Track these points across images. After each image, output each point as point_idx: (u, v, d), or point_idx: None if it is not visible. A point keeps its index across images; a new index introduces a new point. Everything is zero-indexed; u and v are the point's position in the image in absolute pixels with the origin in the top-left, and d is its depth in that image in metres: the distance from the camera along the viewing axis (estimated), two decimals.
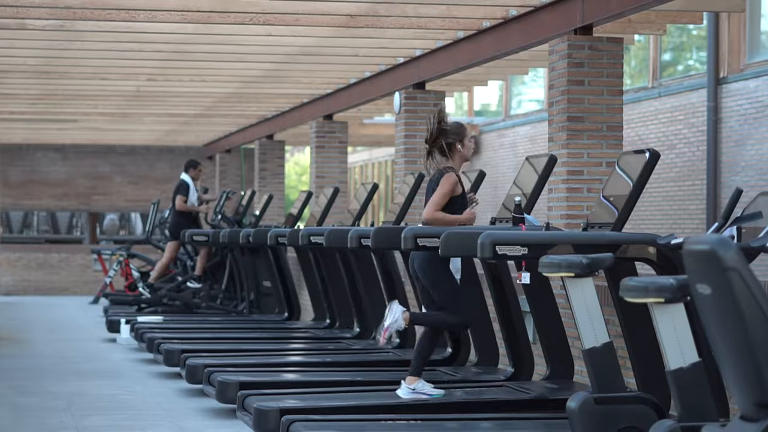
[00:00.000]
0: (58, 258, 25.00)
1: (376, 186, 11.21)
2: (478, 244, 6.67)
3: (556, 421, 6.94)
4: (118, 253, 19.25)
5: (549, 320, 8.07)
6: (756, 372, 3.75)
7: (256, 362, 9.69)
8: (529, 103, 23.69)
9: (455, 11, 10.34)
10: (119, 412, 8.74)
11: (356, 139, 25.74)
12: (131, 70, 14.18)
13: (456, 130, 8.06)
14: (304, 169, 48.80)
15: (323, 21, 10.63)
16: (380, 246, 8.31)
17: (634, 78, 18.95)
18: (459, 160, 8.06)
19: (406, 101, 12.77)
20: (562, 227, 8.89)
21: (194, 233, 14.76)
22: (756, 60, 15.75)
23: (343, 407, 7.43)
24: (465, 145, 8.05)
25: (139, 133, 23.13)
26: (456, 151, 8.03)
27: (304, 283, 13.69)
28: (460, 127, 8.11)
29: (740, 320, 3.72)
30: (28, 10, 10.25)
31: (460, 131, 8.06)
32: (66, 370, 11.37)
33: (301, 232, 10.15)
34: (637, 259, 6.80)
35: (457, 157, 8.04)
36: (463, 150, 8.05)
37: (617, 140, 9.19)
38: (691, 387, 5.32)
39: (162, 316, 14.82)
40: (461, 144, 8.04)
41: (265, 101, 17.47)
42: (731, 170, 15.86)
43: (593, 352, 6.12)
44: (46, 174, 25.68)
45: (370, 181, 28.86)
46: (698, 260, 3.82)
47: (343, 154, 16.75)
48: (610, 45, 9.19)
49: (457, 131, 8.06)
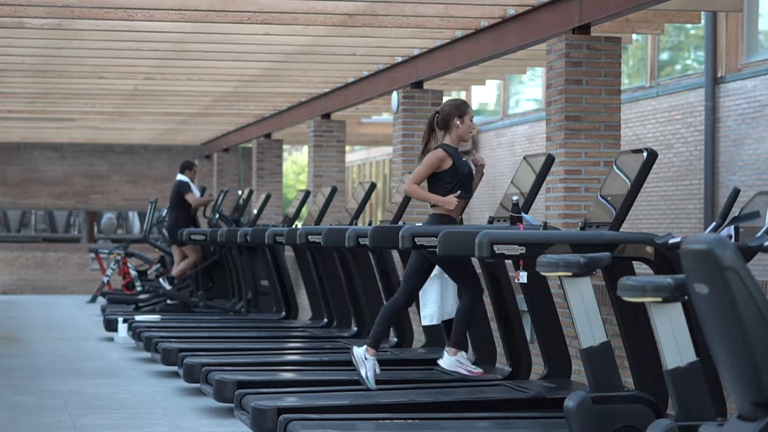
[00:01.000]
0: (56, 257, 25.00)
1: (374, 185, 11.21)
2: (476, 243, 6.67)
3: (554, 421, 6.94)
4: (116, 252, 19.27)
5: (546, 319, 8.07)
6: (753, 371, 3.75)
7: (254, 361, 9.69)
8: (526, 102, 23.69)
9: (453, 10, 10.33)
10: (117, 411, 8.74)
11: (354, 138, 25.74)
12: (129, 68, 14.17)
13: (456, 104, 8.10)
14: (302, 168, 48.80)
15: (321, 20, 10.63)
16: (378, 245, 8.31)
17: (632, 77, 18.95)
18: (456, 135, 8.06)
19: (403, 100, 12.77)
20: (560, 226, 8.89)
21: (192, 232, 14.76)
22: (754, 59, 15.75)
23: (341, 406, 7.44)
24: (464, 122, 8.04)
25: (136, 132, 23.12)
26: (453, 126, 8.05)
27: (301, 282, 13.69)
28: (462, 103, 8.14)
29: (738, 320, 3.73)
30: (26, 8, 10.24)
31: (459, 106, 8.09)
32: (63, 368, 11.37)
33: (299, 231, 10.15)
34: (635, 259, 6.81)
35: (453, 132, 8.06)
36: (461, 126, 8.04)
37: (615, 140, 9.19)
38: (689, 386, 5.32)
39: (159, 315, 14.82)
40: (460, 120, 8.03)
41: (262, 100, 17.46)
42: (729, 170, 15.86)
43: (591, 352, 6.12)
44: (44, 173, 25.68)
45: (368, 180, 28.86)
46: (696, 260, 3.82)
47: (341, 153, 16.75)
48: (608, 44, 9.19)
49: (457, 106, 8.09)
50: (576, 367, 8.10)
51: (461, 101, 8.17)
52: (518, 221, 7.46)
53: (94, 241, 26.52)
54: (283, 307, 14.18)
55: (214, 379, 8.61)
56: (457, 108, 8.08)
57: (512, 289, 8.42)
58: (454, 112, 8.06)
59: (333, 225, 10.76)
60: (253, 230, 12.72)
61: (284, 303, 14.19)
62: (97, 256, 21.18)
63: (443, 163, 7.99)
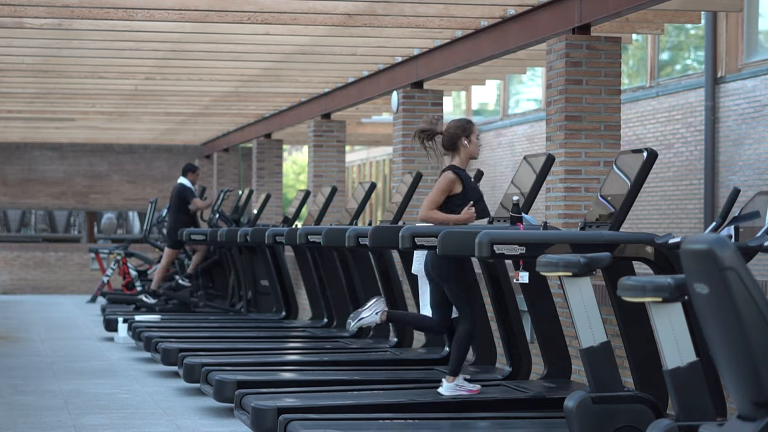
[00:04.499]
0: (56, 257, 25.00)
1: (374, 185, 11.21)
2: (476, 243, 6.67)
3: (554, 421, 6.95)
4: (116, 252, 19.26)
5: (547, 319, 8.07)
6: (753, 371, 3.75)
7: (254, 361, 9.69)
8: (527, 102, 23.69)
9: (453, 10, 10.33)
10: (117, 411, 8.74)
11: (354, 138, 25.74)
12: (129, 68, 14.18)
13: (461, 124, 7.95)
14: (302, 168, 48.80)
15: (321, 20, 10.63)
16: (378, 245, 8.31)
17: (632, 77, 18.95)
18: (464, 156, 7.95)
19: (403, 100, 12.77)
20: (560, 226, 8.89)
21: (192, 232, 14.77)
22: (754, 59, 15.75)
23: (341, 406, 7.44)
24: (472, 141, 7.92)
25: (136, 131, 23.12)
26: (461, 147, 7.94)
27: (301, 282, 13.69)
28: (467, 122, 7.98)
29: (738, 319, 3.73)
30: (26, 8, 10.24)
31: (465, 126, 7.93)
32: (63, 368, 11.37)
33: (299, 231, 10.15)
34: (635, 259, 6.81)
35: (462, 153, 7.95)
36: (469, 146, 7.93)
37: (615, 140, 9.19)
38: (689, 386, 5.32)
39: (159, 314, 14.82)
40: (467, 139, 7.93)
41: (263, 100, 17.46)
42: (729, 170, 15.87)
43: (591, 352, 6.12)
44: (44, 173, 25.67)
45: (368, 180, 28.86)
46: (696, 260, 3.82)
47: (341, 153, 16.75)
48: (608, 44, 9.19)
49: (463, 126, 7.94)
50: (576, 367, 8.11)
51: (466, 120, 8.00)
52: (518, 221, 7.45)
53: (94, 241, 26.52)
54: (283, 307, 14.18)
55: (214, 379, 8.61)
56: (462, 128, 7.91)
57: (512, 289, 8.42)
58: (459, 132, 7.90)
59: (333, 225, 10.77)
60: (253, 230, 12.72)
61: (284, 303, 14.19)
62: (97, 256, 21.17)
63: (454, 186, 7.90)
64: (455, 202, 7.91)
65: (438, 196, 7.87)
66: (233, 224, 15.44)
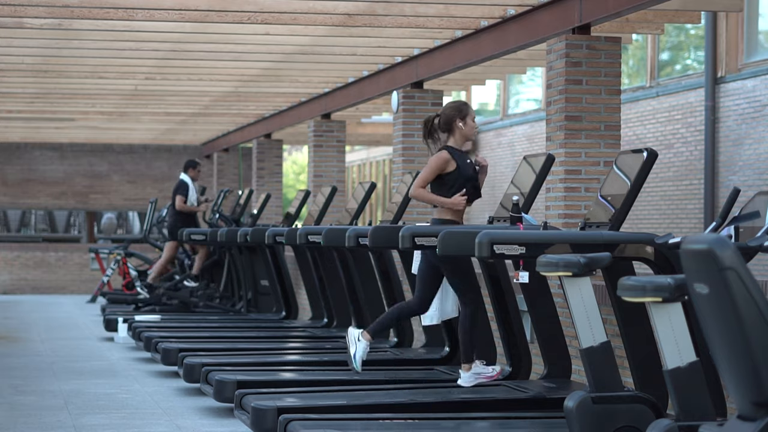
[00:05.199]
0: (56, 257, 24.99)
1: (374, 185, 11.21)
2: (476, 243, 6.67)
3: (554, 421, 6.94)
4: (116, 252, 19.25)
5: (546, 319, 8.07)
6: (753, 371, 3.75)
7: (254, 361, 9.69)
8: (527, 102, 23.69)
9: (453, 10, 10.34)
10: (117, 411, 8.74)
11: (354, 138, 25.75)
12: (129, 68, 14.18)
13: (456, 106, 8.09)
14: (302, 168, 48.80)
15: (321, 20, 10.64)
16: (378, 245, 8.31)
17: (632, 77, 18.95)
18: (459, 137, 8.08)
19: (403, 100, 12.77)
20: (560, 226, 8.89)
21: (192, 232, 14.77)
22: (754, 59, 15.75)
23: (341, 406, 7.44)
24: (466, 123, 8.06)
25: (136, 131, 23.13)
26: (456, 128, 8.06)
27: (301, 282, 13.69)
28: (463, 104, 8.14)
29: (738, 319, 3.72)
30: (26, 8, 10.24)
31: (461, 107, 8.09)
32: (63, 368, 11.37)
33: (299, 231, 10.15)
34: (635, 259, 6.81)
35: (457, 134, 8.07)
36: (464, 128, 8.06)
37: (615, 140, 9.19)
38: (689, 386, 5.32)
39: (159, 315, 14.82)
40: (462, 121, 8.05)
41: (263, 100, 17.46)
42: (729, 170, 15.86)
43: (591, 352, 6.12)
44: (44, 173, 25.67)
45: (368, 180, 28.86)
46: (696, 260, 3.82)
47: (341, 153, 16.75)
48: (608, 44, 9.20)
49: (458, 107, 8.09)
50: (576, 367, 8.11)
51: (461, 102, 8.18)
52: (518, 221, 7.46)
53: (94, 241, 26.52)
54: (283, 307, 14.18)
55: (214, 379, 8.61)
56: (458, 110, 8.08)
57: (512, 289, 8.42)
58: (455, 114, 8.06)
59: (333, 225, 10.76)
60: (253, 230, 12.72)
61: (284, 303, 14.19)
62: (97, 256, 21.17)
63: (447, 165, 7.99)
64: (449, 181, 8.02)
65: (429, 173, 8.01)
66: (233, 224, 15.45)
